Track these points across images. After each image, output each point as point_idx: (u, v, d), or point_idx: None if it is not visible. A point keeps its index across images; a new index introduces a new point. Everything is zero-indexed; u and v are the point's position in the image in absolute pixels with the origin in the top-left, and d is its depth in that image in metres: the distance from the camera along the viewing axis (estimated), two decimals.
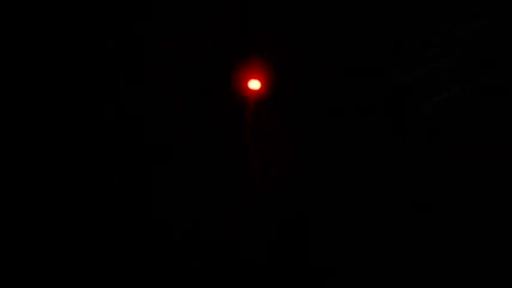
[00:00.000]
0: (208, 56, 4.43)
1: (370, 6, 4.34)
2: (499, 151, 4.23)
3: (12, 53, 4.30)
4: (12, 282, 4.11)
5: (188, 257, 4.41)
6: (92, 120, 4.39)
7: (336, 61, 4.44)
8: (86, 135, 4.39)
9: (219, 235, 4.44)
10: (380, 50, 4.39)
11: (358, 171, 4.48)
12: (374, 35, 4.39)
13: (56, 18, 4.32)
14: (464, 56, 4.27)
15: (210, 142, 4.48)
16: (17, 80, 4.32)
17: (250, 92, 4.31)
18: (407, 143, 4.45)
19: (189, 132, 4.49)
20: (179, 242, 4.41)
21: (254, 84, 4.30)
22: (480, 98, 4.27)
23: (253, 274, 4.38)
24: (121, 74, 4.41)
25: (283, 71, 4.43)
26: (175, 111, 4.46)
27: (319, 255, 4.41)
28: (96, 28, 4.36)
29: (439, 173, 4.36)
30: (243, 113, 4.34)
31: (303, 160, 4.50)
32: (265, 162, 4.45)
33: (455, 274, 4.19)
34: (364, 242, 4.38)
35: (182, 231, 4.42)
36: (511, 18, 4.15)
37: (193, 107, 4.46)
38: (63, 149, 4.35)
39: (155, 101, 4.45)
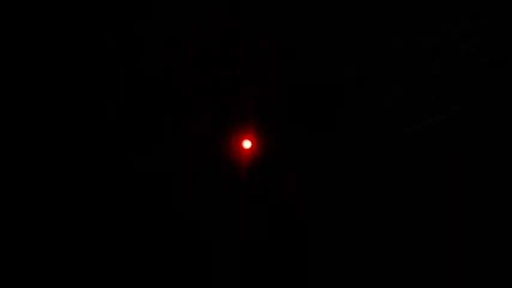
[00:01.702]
0: (209, 55, 4.45)
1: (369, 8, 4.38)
2: (499, 151, 4.25)
3: (12, 52, 4.30)
4: (14, 282, 4.11)
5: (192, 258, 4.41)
6: (92, 120, 4.39)
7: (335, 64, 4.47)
8: (86, 135, 4.39)
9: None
10: (380, 54, 4.42)
11: (359, 172, 4.49)
12: (372, 39, 4.42)
13: (56, 18, 4.33)
14: (464, 57, 4.29)
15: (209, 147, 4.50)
16: (17, 80, 4.32)
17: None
18: (406, 143, 4.46)
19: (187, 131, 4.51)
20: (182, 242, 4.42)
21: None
22: (481, 98, 4.29)
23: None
24: (121, 74, 4.41)
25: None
26: (175, 111, 4.48)
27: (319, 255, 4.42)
28: (96, 28, 4.36)
29: (439, 173, 4.38)
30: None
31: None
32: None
33: (456, 274, 4.20)
34: (365, 243, 4.38)
35: (185, 231, 4.43)
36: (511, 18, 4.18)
37: (193, 106, 4.48)
38: (63, 149, 4.35)
39: (154, 101, 4.46)
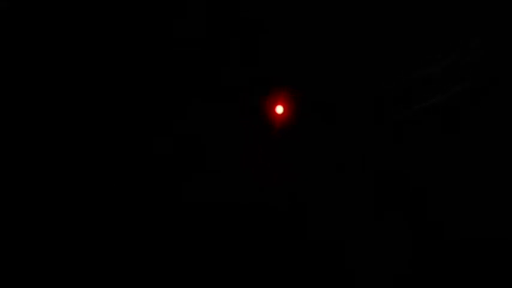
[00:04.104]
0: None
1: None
2: (498, 151, 4.28)
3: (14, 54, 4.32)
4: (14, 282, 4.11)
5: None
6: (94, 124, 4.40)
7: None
8: (85, 135, 4.40)
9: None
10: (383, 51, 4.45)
11: (360, 172, 4.52)
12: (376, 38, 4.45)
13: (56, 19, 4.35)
14: (464, 57, 4.32)
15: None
16: (18, 79, 4.33)
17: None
18: (405, 143, 4.49)
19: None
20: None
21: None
22: (480, 98, 4.32)
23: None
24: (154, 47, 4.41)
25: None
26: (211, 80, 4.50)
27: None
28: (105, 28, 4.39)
29: (438, 172, 4.40)
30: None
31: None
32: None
33: (455, 274, 4.22)
34: (365, 242, 4.41)
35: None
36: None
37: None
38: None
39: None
